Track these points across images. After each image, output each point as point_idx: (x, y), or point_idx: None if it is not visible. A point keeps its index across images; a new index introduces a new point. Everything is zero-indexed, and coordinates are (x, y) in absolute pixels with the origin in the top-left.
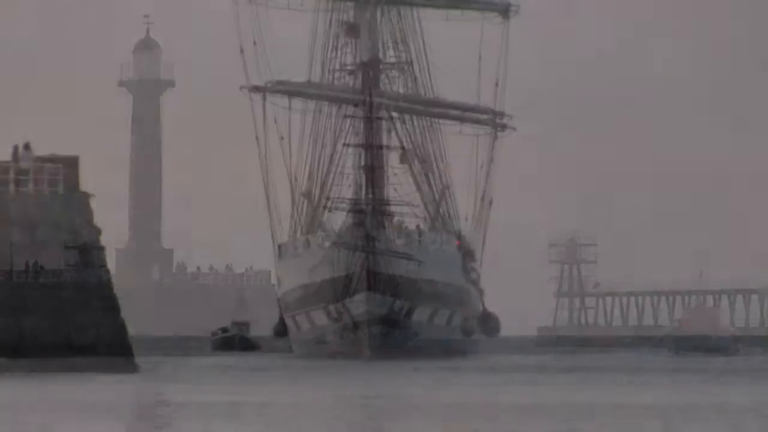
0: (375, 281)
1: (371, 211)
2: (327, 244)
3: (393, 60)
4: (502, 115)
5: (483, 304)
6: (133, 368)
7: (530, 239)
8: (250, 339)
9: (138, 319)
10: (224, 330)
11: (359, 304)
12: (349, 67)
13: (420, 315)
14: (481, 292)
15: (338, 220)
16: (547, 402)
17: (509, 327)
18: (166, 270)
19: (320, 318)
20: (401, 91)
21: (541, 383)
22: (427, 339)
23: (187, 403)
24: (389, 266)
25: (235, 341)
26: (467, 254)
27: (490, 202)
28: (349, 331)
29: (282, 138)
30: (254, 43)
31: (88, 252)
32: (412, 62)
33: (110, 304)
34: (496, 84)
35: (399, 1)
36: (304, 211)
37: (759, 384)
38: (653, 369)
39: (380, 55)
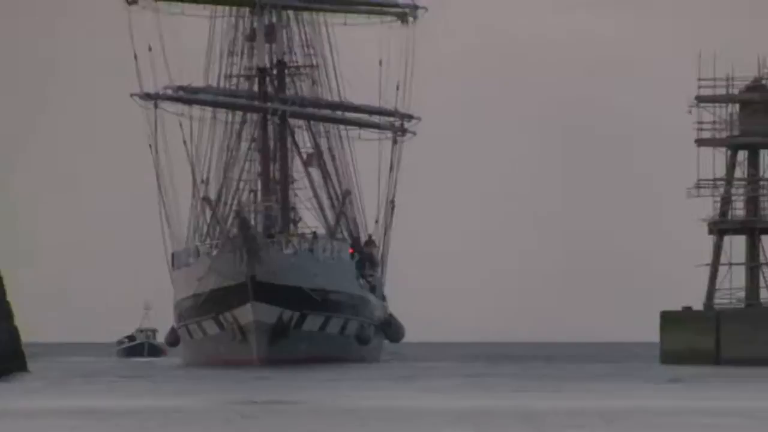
0: (261, 291)
1: (263, 218)
2: (214, 252)
3: (298, 63)
4: (410, 117)
5: (385, 311)
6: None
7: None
8: (157, 346)
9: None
10: (131, 338)
11: (246, 314)
12: (246, 73)
13: (311, 324)
14: (382, 298)
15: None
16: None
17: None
18: None
19: (211, 327)
20: (306, 95)
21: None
22: (319, 347)
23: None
24: (277, 275)
25: (144, 348)
26: (365, 261)
27: (392, 207)
28: (238, 340)
29: (185, 142)
30: (149, 49)
31: None
32: (317, 66)
33: (3, 312)
34: (397, 88)
35: (298, 6)
36: (204, 218)
37: None
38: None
39: (286, 59)
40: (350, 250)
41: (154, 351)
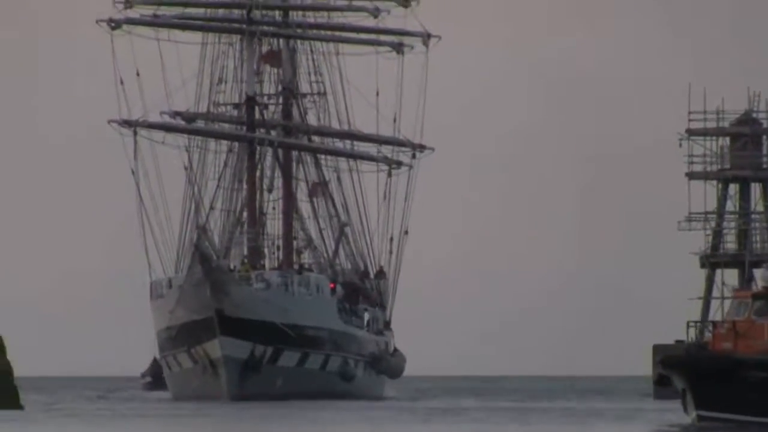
0: (229, 325)
1: (242, 251)
2: (185, 285)
3: (306, 91)
4: (422, 147)
5: (380, 346)
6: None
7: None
8: None
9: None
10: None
11: (215, 348)
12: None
13: (287, 359)
14: (378, 332)
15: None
16: None
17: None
18: None
19: (185, 361)
20: (314, 123)
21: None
22: (298, 384)
23: None
24: (246, 309)
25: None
26: (357, 294)
27: (391, 239)
28: (209, 374)
29: (187, 168)
30: (137, 75)
31: None
32: (325, 93)
33: None
34: (394, 120)
35: (290, 35)
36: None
37: None
38: None
39: (294, 86)
40: (331, 285)
41: None
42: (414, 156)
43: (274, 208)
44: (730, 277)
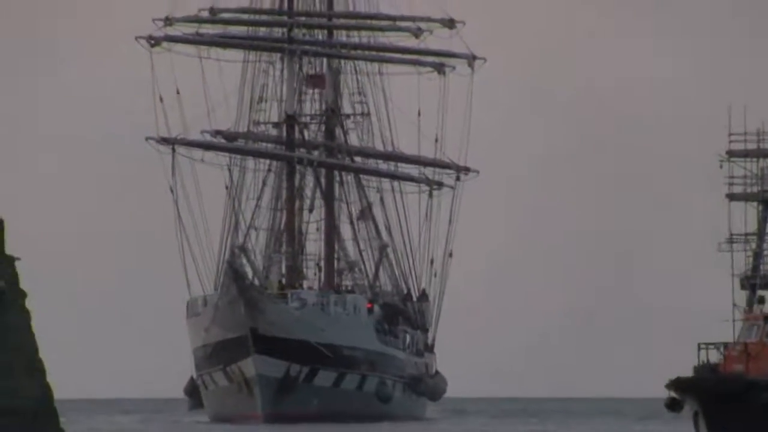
0: (263, 343)
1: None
2: (220, 303)
3: (349, 112)
4: (467, 170)
5: (420, 367)
6: None
7: None
8: None
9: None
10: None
11: (250, 367)
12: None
13: (323, 379)
14: (417, 353)
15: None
16: None
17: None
18: None
19: (221, 379)
20: (356, 143)
21: None
22: (334, 404)
23: None
24: (281, 328)
25: None
26: (396, 315)
27: (432, 261)
28: (245, 393)
29: (227, 187)
30: (177, 92)
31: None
32: (369, 114)
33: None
34: (436, 140)
35: (331, 54)
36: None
37: None
38: None
39: (337, 107)
40: (368, 305)
41: None
42: (458, 178)
43: (318, 229)
44: None
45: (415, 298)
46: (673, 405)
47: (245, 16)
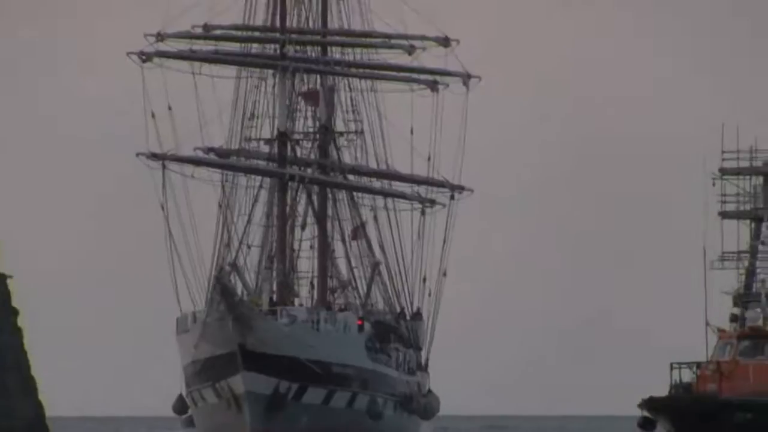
0: (252, 360)
1: (270, 286)
2: (208, 320)
3: (342, 129)
4: (461, 188)
5: (412, 386)
6: None
7: None
8: None
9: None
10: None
11: (239, 384)
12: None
13: (312, 396)
14: (409, 371)
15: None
16: None
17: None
18: None
19: (210, 396)
20: (350, 161)
21: None
22: (324, 421)
23: None
24: (270, 345)
25: None
26: (386, 333)
27: (424, 279)
28: (232, 410)
29: (220, 205)
30: (169, 108)
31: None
32: (362, 131)
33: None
34: (429, 158)
35: (324, 71)
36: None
37: None
38: None
39: (331, 124)
40: (359, 322)
41: None
42: (453, 197)
43: (311, 247)
44: None
45: (408, 317)
46: (646, 425)
47: (238, 33)
